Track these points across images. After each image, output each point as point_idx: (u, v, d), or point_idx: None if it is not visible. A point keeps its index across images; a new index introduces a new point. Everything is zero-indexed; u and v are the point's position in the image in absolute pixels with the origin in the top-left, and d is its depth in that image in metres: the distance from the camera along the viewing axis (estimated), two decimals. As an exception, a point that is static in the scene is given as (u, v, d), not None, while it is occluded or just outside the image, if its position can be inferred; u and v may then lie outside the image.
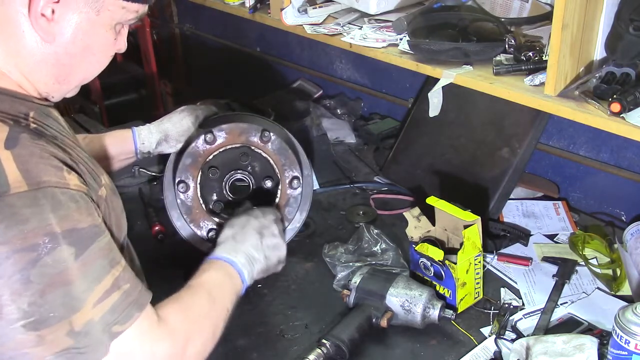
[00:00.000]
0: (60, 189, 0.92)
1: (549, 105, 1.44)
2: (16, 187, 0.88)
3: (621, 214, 1.80)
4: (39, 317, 0.88)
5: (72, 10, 0.99)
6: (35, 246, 0.87)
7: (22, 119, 0.96)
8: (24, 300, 0.87)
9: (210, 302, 1.11)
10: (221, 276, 1.19)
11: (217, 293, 1.14)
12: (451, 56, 1.59)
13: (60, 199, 0.91)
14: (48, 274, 0.88)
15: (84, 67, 1.06)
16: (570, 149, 1.86)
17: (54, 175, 0.92)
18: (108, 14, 1.02)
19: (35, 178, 0.89)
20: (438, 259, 1.43)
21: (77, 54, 1.03)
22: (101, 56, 1.07)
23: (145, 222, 1.79)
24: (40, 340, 0.89)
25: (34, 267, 0.87)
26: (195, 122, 1.58)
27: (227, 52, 2.85)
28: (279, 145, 1.57)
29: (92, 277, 0.92)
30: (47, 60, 1.01)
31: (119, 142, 1.54)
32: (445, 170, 1.88)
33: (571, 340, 1.25)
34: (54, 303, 0.89)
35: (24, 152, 0.91)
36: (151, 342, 0.98)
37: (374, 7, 1.78)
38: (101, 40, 1.05)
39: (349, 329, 1.36)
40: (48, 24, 0.98)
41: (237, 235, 1.28)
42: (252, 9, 2.04)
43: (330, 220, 1.82)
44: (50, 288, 0.88)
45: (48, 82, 1.04)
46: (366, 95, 2.38)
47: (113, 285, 0.94)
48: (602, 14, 1.42)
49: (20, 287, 0.87)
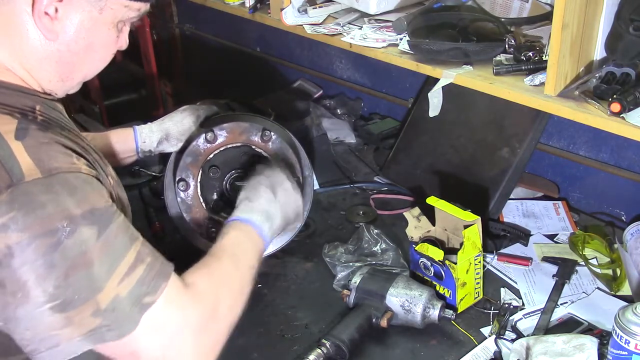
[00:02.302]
0: (73, 173, 0.93)
1: (549, 105, 1.44)
2: (30, 175, 0.89)
3: (621, 214, 1.80)
4: (65, 298, 0.89)
5: (75, 8, 1.00)
6: (55, 231, 0.89)
7: (29, 112, 0.97)
8: (49, 284, 0.89)
9: (234, 262, 1.12)
10: (241, 236, 1.18)
11: (239, 252, 1.14)
12: (451, 56, 1.59)
13: (75, 183, 0.93)
14: (70, 256, 0.89)
15: (87, 65, 1.08)
16: (570, 149, 1.86)
17: (64, 161, 0.94)
18: (111, 12, 1.03)
19: (47, 165, 0.91)
20: (438, 259, 1.43)
21: (79, 52, 1.04)
22: (103, 53, 1.08)
23: (145, 222, 1.80)
24: (68, 321, 0.90)
25: (56, 251, 0.89)
26: (196, 122, 1.59)
27: (227, 52, 2.85)
28: (279, 145, 1.57)
29: (115, 255, 0.94)
30: (51, 57, 1.03)
31: (120, 140, 1.54)
32: (445, 170, 1.88)
33: (571, 340, 1.25)
34: (78, 284, 0.90)
35: (34, 142, 0.92)
36: (182, 307, 0.98)
37: (374, 7, 1.78)
38: (104, 38, 1.06)
39: (349, 329, 1.36)
40: (51, 22, 0.99)
41: (250, 195, 1.26)
42: (252, 9, 2.04)
43: (330, 220, 1.82)
44: (73, 270, 0.90)
45: (51, 79, 1.05)
46: (366, 95, 2.38)
47: (136, 260, 0.95)
48: (602, 14, 1.42)
49: (45, 271, 0.88)
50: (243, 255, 1.14)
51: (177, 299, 0.98)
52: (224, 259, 1.11)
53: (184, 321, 0.98)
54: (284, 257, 1.65)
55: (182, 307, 0.98)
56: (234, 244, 1.15)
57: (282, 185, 1.29)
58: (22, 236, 0.87)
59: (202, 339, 1.00)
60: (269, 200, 1.25)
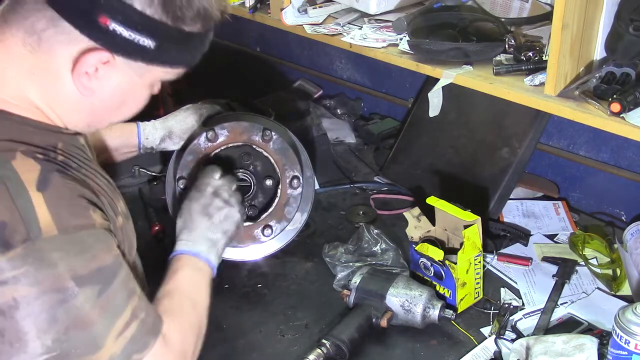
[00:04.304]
0: (88, 230, 0.95)
1: (549, 105, 1.44)
2: (47, 232, 0.90)
3: (621, 214, 1.79)
4: (61, 352, 0.91)
5: (116, 71, 1.00)
6: (64, 289, 0.91)
7: (51, 152, 0.98)
8: (48, 337, 0.90)
9: (193, 308, 1.15)
10: (194, 274, 1.21)
11: (196, 295, 1.17)
12: (451, 56, 1.58)
13: (87, 242, 0.94)
14: (73, 314, 0.92)
15: (116, 116, 1.09)
16: (570, 149, 1.86)
17: (82, 216, 0.95)
18: (150, 76, 1.04)
19: (64, 222, 0.92)
20: (438, 259, 1.43)
21: (112, 107, 1.05)
22: (135, 107, 1.09)
23: (146, 222, 1.80)
24: None
25: (61, 307, 0.91)
26: (199, 120, 1.59)
27: (227, 52, 2.85)
28: (280, 144, 1.57)
29: (114, 311, 0.96)
30: (83, 110, 1.03)
31: (123, 135, 1.54)
32: (445, 170, 1.88)
33: (571, 340, 1.25)
34: (77, 340, 0.92)
35: (55, 194, 0.93)
36: None
37: (374, 7, 1.78)
38: (138, 96, 1.07)
39: (349, 329, 1.36)
40: (89, 80, 0.98)
41: (189, 223, 1.28)
42: (252, 9, 2.04)
43: (330, 220, 1.82)
44: (75, 327, 0.92)
45: (79, 125, 1.06)
46: (366, 95, 2.38)
47: (132, 316, 0.98)
48: (602, 14, 1.42)
49: (46, 325, 0.90)
50: (200, 298, 1.18)
51: (160, 354, 1.01)
52: (184, 305, 1.14)
53: None
54: (284, 257, 1.65)
55: None
56: (189, 283, 1.18)
57: (214, 205, 1.31)
58: (31, 290, 0.89)
59: None
60: (207, 227, 1.28)
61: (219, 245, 1.28)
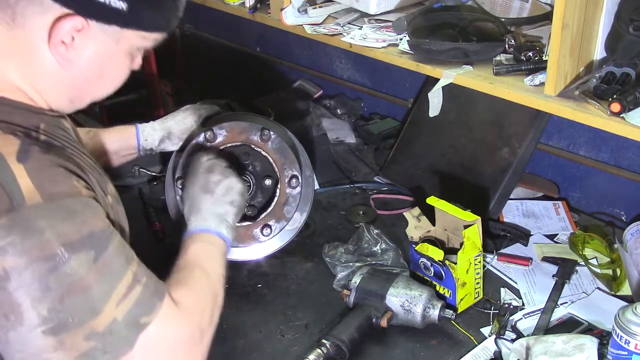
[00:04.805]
0: (74, 197, 0.94)
1: (549, 105, 1.44)
2: (31, 200, 0.89)
3: (621, 214, 1.79)
4: (58, 322, 0.90)
5: (92, 38, 1.00)
6: (53, 256, 0.89)
7: (32, 131, 0.97)
8: (43, 307, 0.89)
9: (206, 276, 1.14)
10: (205, 246, 1.21)
11: (208, 265, 1.16)
12: (451, 56, 1.59)
13: (75, 207, 0.93)
14: (66, 281, 0.90)
15: (98, 89, 1.09)
16: (570, 149, 1.86)
17: (65, 184, 0.94)
18: (127, 42, 1.04)
19: (48, 190, 0.91)
20: (438, 259, 1.43)
21: (92, 79, 1.05)
22: (115, 79, 1.09)
23: (145, 222, 1.80)
24: (60, 344, 0.90)
25: (52, 275, 0.89)
26: (198, 121, 1.59)
27: (227, 52, 2.85)
28: (278, 144, 1.57)
29: (112, 277, 0.94)
30: (63, 83, 1.03)
31: (122, 137, 1.55)
32: (445, 170, 1.88)
33: (571, 340, 1.25)
34: (74, 308, 0.91)
35: (36, 165, 0.92)
36: (175, 325, 1.00)
37: (374, 7, 1.78)
38: (117, 66, 1.07)
39: (349, 329, 1.36)
40: (67, 50, 0.99)
41: (193, 205, 1.28)
42: (252, 9, 2.04)
43: (330, 220, 1.82)
44: (70, 294, 0.90)
45: (61, 101, 1.06)
46: (366, 95, 2.38)
47: (134, 280, 0.96)
48: (602, 14, 1.42)
49: (40, 294, 0.89)
50: (212, 267, 1.17)
51: (170, 317, 0.99)
52: (197, 274, 1.13)
53: (178, 338, 1.00)
54: (284, 257, 1.65)
55: (175, 324, 1.00)
56: (201, 256, 1.17)
57: (211, 180, 1.30)
58: (20, 260, 0.87)
59: (195, 354, 1.03)
60: (212, 203, 1.27)
61: (229, 217, 1.27)
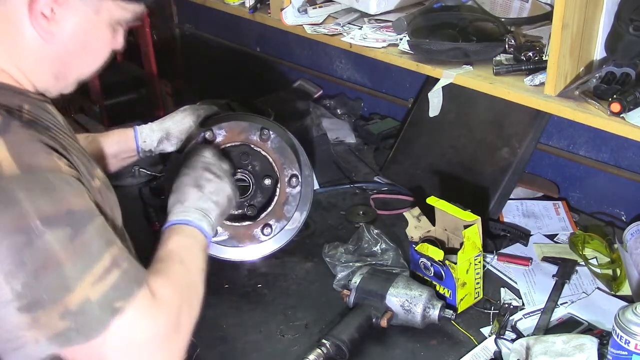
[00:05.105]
0: (53, 173, 0.93)
1: (549, 105, 1.44)
2: (8, 171, 0.88)
3: (621, 214, 1.79)
4: (32, 298, 0.88)
5: (72, 10, 1.00)
6: (28, 229, 0.88)
7: (15, 110, 0.97)
8: (17, 282, 0.88)
9: (186, 269, 1.12)
10: (184, 239, 1.19)
11: (187, 258, 1.14)
12: (451, 56, 1.59)
13: (53, 182, 0.92)
14: (41, 256, 0.89)
15: (82, 65, 1.08)
16: (570, 149, 1.86)
17: (45, 159, 0.93)
18: (107, 13, 1.04)
19: (27, 162, 0.90)
20: (438, 259, 1.43)
21: (75, 52, 1.05)
22: (99, 53, 1.09)
23: (145, 222, 1.80)
24: (34, 322, 0.89)
25: (27, 249, 0.88)
26: (196, 121, 1.59)
27: (227, 52, 2.85)
28: (278, 143, 1.57)
29: (89, 257, 0.92)
30: (46, 58, 1.03)
31: (121, 141, 1.54)
32: (445, 170, 1.88)
33: (571, 340, 1.25)
34: (48, 285, 0.89)
35: (15, 138, 0.91)
36: (152, 316, 0.98)
37: (374, 7, 1.78)
38: (99, 39, 1.06)
39: (349, 329, 1.36)
40: (48, 23, 0.99)
41: (179, 197, 1.27)
42: (252, 9, 2.04)
43: (330, 220, 1.82)
44: (44, 270, 0.89)
45: (46, 79, 1.06)
46: (366, 95, 2.38)
47: (112, 264, 0.95)
48: (602, 14, 1.42)
49: (14, 268, 0.87)
50: (192, 260, 1.14)
51: (148, 307, 0.97)
52: (175, 265, 1.11)
53: (154, 330, 0.98)
54: (284, 257, 1.65)
55: (152, 315, 0.98)
56: (180, 247, 1.15)
57: (204, 177, 1.29)
58: None
59: (171, 347, 1.00)
60: (198, 198, 1.25)
61: (212, 215, 1.25)
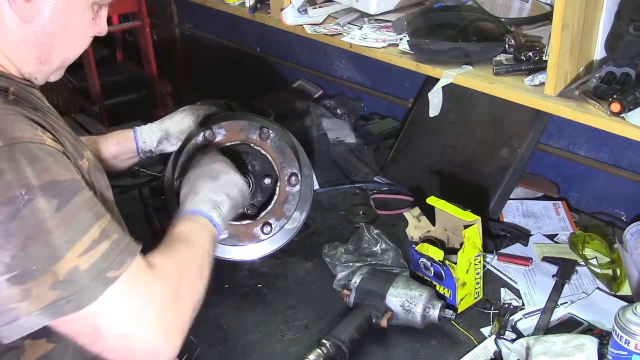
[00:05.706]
0: (36, 144, 0.93)
1: (549, 105, 1.44)
2: None
3: (621, 214, 1.79)
4: (22, 270, 0.89)
5: None
6: (13, 199, 0.88)
7: (1, 92, 0.98)
8: (6, 254, 0.88)
9: (190, 247, 1.13)
10: (192, 224, 1.20)
11: (193, 239, 1.15)
12: (451, 56, 1.59)
13: (37, 153, 0.92)
14: (27, 226, 0.89)
15: (65, 47, 1.08)
16: (570, 149, 1.86)
17: (29, 132, 0.94)
18: None
19: (10, 134, 0.91)
20: (438, 259, 1.43)
21: (56, 34, 1.05)
22: (81, 36, 1.09)
23: (145, 222, 1.80)
24: (26, 294, 0.89)
25: (13, 220, 0.88)
26: (196, 121, 1.59)
27: (227, 52, 2.85)
28: (277, 142, 1.57)
29: (77, 228, 0.93)
30: (27, 40, 1.03)
31: (120, 142, 1.55)
32: (445, 170, 1.88)
33: (571, 340, 1.25)
34: (36, 255, 0.89)
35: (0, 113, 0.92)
36: (147, 285, 0.98)
37: (374, 7, 1.78)
38: (79, 20, 1.07)
39: (349, 329, 1.36)
40: (26, 4, 1.00)
41: (193, 188, 1.28)
42: (252, 9, 2.04)
43: (330, 220, 1.82)
44: (31, 240, 0.89)
45: (30, 62, 1.06)
46: (366, 95, 2.38)
47: (101, 235, 0.95)
48: (602, 14, 1.42)
49: (2, 240, 0.88)
50: (197, 240, 1.15)
51: (142, 276, 0.98)
52: (179, 244, 1.12)
53: (149, 299, 0.98)
54: (284, 257, 1.65)
55: (147, 284, 0.98)
56: (186, 230, 1.17)
57: (218, 169, 1.31)
58: None
59: (168, 318, 1.00)
60: (212, 189, 1.27)
61: (223, 207, 1.26)
